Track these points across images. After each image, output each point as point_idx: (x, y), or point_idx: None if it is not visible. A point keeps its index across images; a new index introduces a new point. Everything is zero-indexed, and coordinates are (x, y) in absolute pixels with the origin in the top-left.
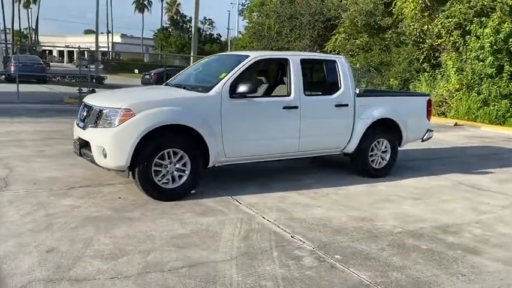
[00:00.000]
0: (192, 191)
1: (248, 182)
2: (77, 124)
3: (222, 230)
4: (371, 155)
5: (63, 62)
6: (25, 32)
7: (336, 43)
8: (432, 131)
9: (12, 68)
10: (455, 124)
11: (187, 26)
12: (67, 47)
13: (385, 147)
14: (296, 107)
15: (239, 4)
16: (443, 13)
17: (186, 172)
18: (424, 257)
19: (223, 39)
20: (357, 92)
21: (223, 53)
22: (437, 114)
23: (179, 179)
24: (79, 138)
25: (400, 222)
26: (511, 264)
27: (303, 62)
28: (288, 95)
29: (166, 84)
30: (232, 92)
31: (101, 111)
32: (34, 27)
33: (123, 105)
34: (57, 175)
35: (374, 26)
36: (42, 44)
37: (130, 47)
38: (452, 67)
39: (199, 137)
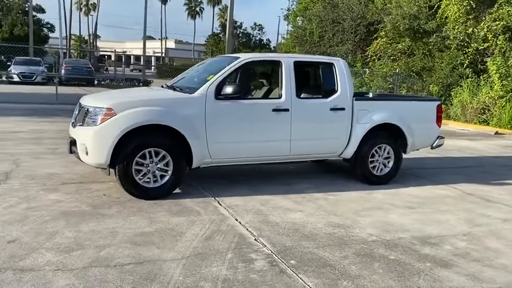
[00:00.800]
0: (177, 191)
1: (239, 183)
2: (71, 123)
3: (187, 230)
4: (372, 161)
5: (121, 67)
6: (85, 38)
7: (377, 47)
8: (443, 138)
9: (63, 71)
10: (496, 133)
11: (238, 32)
12: (124, 52)
13: (388, 154)
14: (287, 110)
15: (285, 9)
16: (490, 15)
17: (169, 172)
18: (386, 267)
19: (273, 44)
20: (370, 95)
21: (221, 55)
22: (479, 122)
23: (161, 179)
24: (70, 136)
25: (379, 231)
26: (478, 280)
27: (297, 64)
28: (279, 97)
29: (162, 86)
30: (218, 93)
31: (87, 110)
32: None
33: (105, 105)
34: (58, 171)
35: (418, 30)
36: (101, 49)
37: (184, 52)
38: (496, 72)
39: (182, 137)
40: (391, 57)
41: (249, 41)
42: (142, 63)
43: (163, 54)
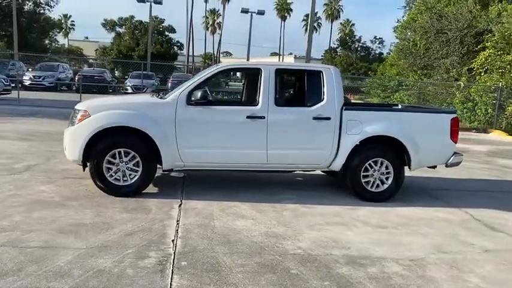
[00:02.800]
0: (154, 190)
1: (221, 189)
2: None
3: (119, 226)
4: (365, 176)
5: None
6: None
7: (483, 60)
8: (460, 155)
9: (169, 84)
10: None
11: (356, 46)
12: None
13: (387, 169)
14: (262, 117)
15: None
16: None
17: (138, 172)
18: (274, 280)
19: None
20: (399, 107)
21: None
22: None
23: (131, 178)
24: None
25: (313, 246)
26: None
27: (280, 72)
28: (256, 104)
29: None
30: (190, 99)
31: (73, 112)
32: (216, 50)
33: (82, 107)
34: (71, 168)
35: None
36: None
37: None
38: None
39: (152, 140)
40: (499, 70)
41: (368, 54)
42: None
43: None
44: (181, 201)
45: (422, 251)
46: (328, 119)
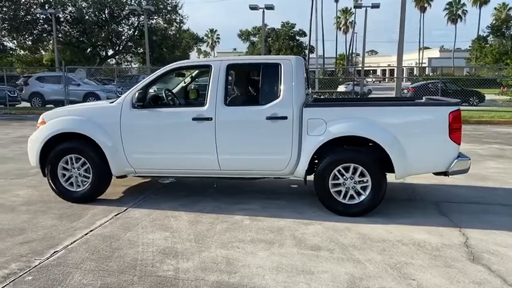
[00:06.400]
0: (113, 197)
1: (186, 197)
2: None
3: (30, 233)
4: (336, 185)
5: (385, 80)
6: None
7: None
8: (467, 159)
9: None
10: None
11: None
12: (388, 66)
13: (362, 177)
14: (209, 119)
15: None
16: None
17: (90, 178)
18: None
19: None
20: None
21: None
22: None
23: (83, 184)
24: None
25: (196, 267)
26: None
27: (232, 68)
28: (203, 105)
29: None
30: (134, 102)
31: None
32: (349, 49)
33: (42, 114)
34: None
35: None
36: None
37: (446, 61)
38: None
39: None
40: None
41: None
42: (395, 76)
43: (421, 65)
44: (126, 209)
45: (325, 286)
46: (285, 118)
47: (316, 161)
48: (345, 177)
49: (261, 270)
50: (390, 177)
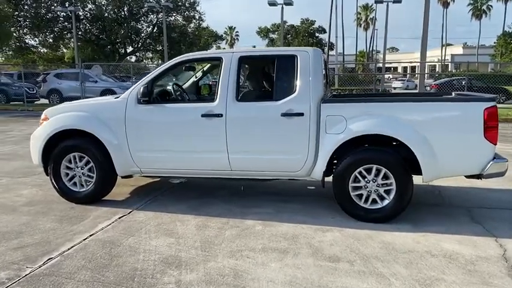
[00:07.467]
0: (119, 198)
1: (198, 198)
2: None
3: (27, 236)
4: (356, 188)
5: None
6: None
7: None
8: (505, 160)
9: None
10: None
11: None
12: (410, 62)
13: (386, 180)
14: (220, 115)
15: None
16: None
17: (94, 178)
18: None
19: None
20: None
21: None
22: None
23: (87, 184)
24: None
25: (199, 280)
26: None
27: (244, 60)
28: (213, 100)
29: None
30: (140, 97)
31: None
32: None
33: (45, 111)
34: None
35: None
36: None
37: (470, 58)
38: None
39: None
40: None
41: None
42: (417, 72)
43: (444, 62)
44: (131, 211)
45: None
46: (301, 114)
47: (335, 162)
48: (366, 179)
49: (272, 285)
50: (414, 180)
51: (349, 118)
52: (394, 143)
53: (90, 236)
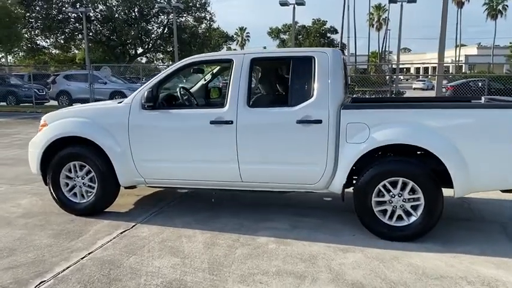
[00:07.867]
0: (124, 209)
1: (207, 210)
2: None
3: (19, 254)
4: (380, 203)
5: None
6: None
7: None
8: None
9: None
10: None
11: None
12: (423, 63)
13: (413, 194)
14: (230, 122)
15: None
16: None
17: (95, 188)
18: None
19: None
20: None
21: None
22: None
23: (88, 195)
24: None
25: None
26: None
27: (257, 62)
28: (223, 106)
29: None
30: (145, 102)
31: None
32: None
33: (44, 116)
34: None
35: None
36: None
37: (485, 58)
38: None
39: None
40: None
41: None
42: (436, 73)
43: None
44: (134, 225)
45: None
46: (319, 122)
47: (356, 173)
48: (391, 193)
49: None
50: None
51: (373, 126)
52: (418, 152)
53: (89, 254)
